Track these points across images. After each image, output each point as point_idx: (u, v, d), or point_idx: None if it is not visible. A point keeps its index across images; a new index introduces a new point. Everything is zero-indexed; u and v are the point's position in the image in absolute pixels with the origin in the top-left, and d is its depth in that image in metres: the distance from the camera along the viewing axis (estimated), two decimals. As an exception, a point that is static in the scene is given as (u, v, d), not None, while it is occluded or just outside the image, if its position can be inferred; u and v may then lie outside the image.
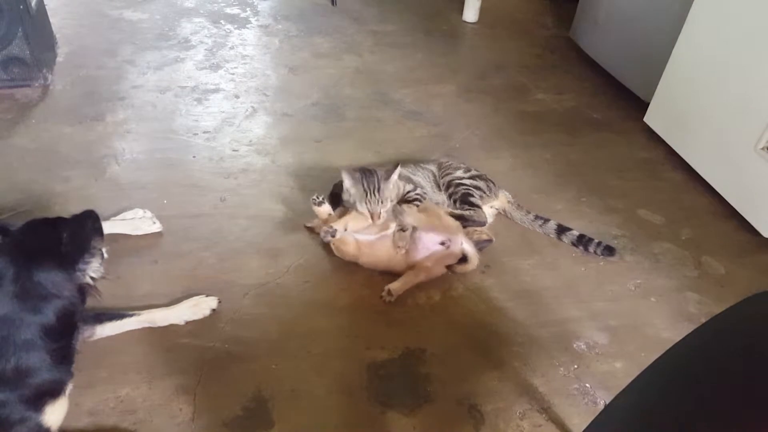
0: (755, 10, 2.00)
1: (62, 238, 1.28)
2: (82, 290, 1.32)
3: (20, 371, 1.21)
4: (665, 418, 0.74)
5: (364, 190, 1.80)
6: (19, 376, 1.21)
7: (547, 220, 2.04)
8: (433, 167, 2.14)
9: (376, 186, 1.80)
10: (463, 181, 2.05)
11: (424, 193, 2.00)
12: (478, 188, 2.04)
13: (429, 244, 1.80)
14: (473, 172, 2.11)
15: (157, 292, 1.69)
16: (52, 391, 1.26)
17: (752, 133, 2.03)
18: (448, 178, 2.08)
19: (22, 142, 2.23)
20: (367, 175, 1.83)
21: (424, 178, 2.08)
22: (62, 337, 1.27)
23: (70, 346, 1.31)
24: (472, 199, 1.99)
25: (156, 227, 1.88)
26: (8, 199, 1.95)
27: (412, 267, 1.79)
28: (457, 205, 1.99)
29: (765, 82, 1.98)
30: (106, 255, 1.43)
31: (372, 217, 1.80)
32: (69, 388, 1.32)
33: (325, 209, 1.85)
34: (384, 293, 1.73)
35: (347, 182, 1.84)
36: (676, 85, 2.41)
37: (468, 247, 1.83)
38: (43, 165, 2.13)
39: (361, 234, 1.81)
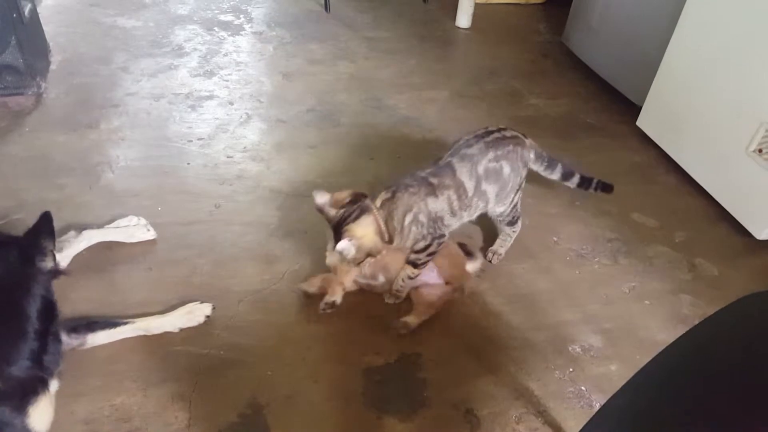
0: (746, 13, 2.02)
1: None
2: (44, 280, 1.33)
3: None
4: (660, 418, 0.74)
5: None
6: None
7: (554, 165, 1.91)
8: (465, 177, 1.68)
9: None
10: (514, 200, 1.84)
11: (441, 236, 1.67)
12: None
13: (432, 277, 1.75)
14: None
15: (151, 300, 1.69)
16: (33, 388, 1.24)
17: (744, 135, 2.04)
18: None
19: (15, 151, 2.23)
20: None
21: (446, 203, 1.66)
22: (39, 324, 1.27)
23: (47, 339, 1.29)
24: (517, 215, 1.89)
25: (150, 234, 1.88)
26: (1, 207, 1.94)
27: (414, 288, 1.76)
28: (503, 226, 1.90)
29: (756, 85, 2.00)
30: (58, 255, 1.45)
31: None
32: (54, 386, 1.31)
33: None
34: (399, 325, 1.65)
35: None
36: (669, 88, 2.43)
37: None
38: (36, 173, 2.12)
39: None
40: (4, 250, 1.29)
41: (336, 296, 1.67)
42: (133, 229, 1.87)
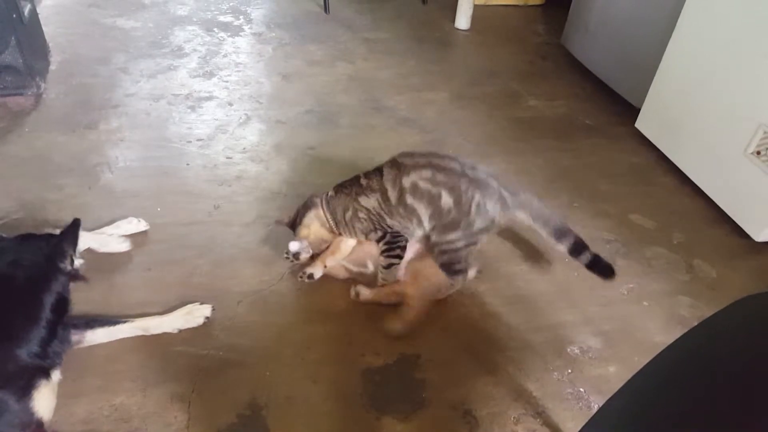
0: (744, 15, 2.03)
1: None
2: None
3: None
4: (658, 419, 0.75)
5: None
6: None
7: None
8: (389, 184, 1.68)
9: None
10: (457, 244, 1.68)
11: (396, 234, 1.70)
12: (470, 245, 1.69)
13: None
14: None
15: (151, 301, 1.69)
16: (37, 374, 1.29)
17: (742, 137, 2.05)
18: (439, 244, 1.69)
19: (14, 151, 2.23)
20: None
21: (376, 203, 1.70)
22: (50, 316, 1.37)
23: (56, 331, 1.38)
24: (456, 266, 1.71)
25: (124, 246, 1.83)
26: (1, 207, 1.94)
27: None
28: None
29: (754, 86, 2.01)
30: (78, 258, 1.54)
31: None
32: (56, 377, 1.35)
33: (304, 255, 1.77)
34: (352, 292, 1.74)
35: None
36: (667, 90, 2.43)
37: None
38: (36, 173, 2.13)
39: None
40: (34, 246, 1.45)
41: (315, 270, 1.74)
42: (108, 239, 1.83)
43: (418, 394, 1.52)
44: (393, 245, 1.72)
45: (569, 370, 1.62)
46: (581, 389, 1.58)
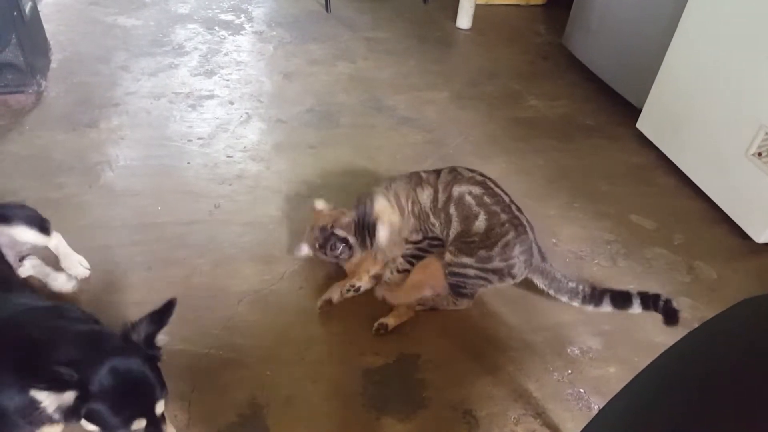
0: (747, 16, 2.03)
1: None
2: None
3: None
4: (659, 421, 0.74)
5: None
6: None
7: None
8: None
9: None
10: (467, 271, 1.67)
11: (434, 239, 1.75)
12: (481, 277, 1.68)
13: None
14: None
15: (150, 300, 1.67)
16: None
17: (744, 138, 2.05)
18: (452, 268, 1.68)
19: (15, 149, 2.23)
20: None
21: (429, 198, 1.75)
22: None
23: None
24: (462, 290, 1.71)
25: (68, 286, 1.68)
26: (1, 206, 1.94)
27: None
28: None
29: (756, 87, 2.01)
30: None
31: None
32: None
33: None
34: (378, 326, 1.65)
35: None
36: (668, 91, 2.43)
37: None
38: (36, 172, 2.12)
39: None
40: None
41: (362, 282, 1.74)
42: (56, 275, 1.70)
43: (418, 394, 1.52)
44: (416, 255, 1.76)
45: (569, 371, 1.62)
46: (581, 390, 1.58)
